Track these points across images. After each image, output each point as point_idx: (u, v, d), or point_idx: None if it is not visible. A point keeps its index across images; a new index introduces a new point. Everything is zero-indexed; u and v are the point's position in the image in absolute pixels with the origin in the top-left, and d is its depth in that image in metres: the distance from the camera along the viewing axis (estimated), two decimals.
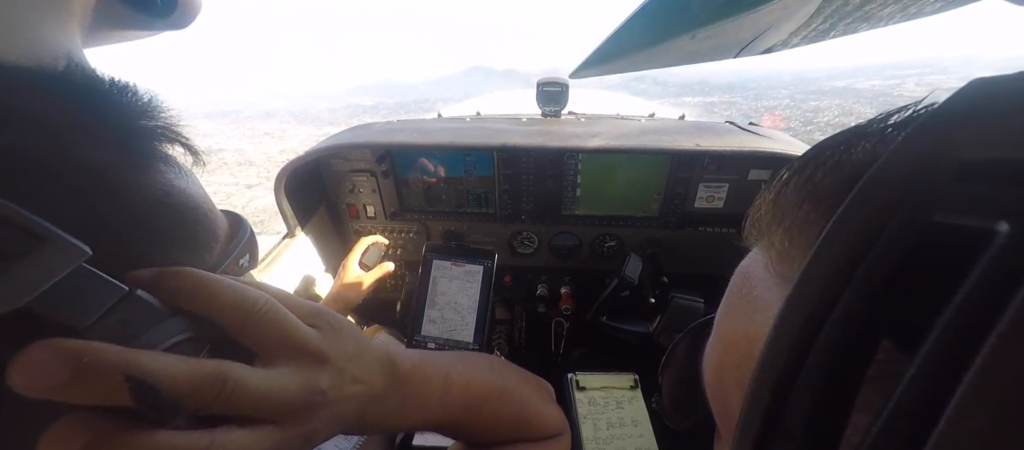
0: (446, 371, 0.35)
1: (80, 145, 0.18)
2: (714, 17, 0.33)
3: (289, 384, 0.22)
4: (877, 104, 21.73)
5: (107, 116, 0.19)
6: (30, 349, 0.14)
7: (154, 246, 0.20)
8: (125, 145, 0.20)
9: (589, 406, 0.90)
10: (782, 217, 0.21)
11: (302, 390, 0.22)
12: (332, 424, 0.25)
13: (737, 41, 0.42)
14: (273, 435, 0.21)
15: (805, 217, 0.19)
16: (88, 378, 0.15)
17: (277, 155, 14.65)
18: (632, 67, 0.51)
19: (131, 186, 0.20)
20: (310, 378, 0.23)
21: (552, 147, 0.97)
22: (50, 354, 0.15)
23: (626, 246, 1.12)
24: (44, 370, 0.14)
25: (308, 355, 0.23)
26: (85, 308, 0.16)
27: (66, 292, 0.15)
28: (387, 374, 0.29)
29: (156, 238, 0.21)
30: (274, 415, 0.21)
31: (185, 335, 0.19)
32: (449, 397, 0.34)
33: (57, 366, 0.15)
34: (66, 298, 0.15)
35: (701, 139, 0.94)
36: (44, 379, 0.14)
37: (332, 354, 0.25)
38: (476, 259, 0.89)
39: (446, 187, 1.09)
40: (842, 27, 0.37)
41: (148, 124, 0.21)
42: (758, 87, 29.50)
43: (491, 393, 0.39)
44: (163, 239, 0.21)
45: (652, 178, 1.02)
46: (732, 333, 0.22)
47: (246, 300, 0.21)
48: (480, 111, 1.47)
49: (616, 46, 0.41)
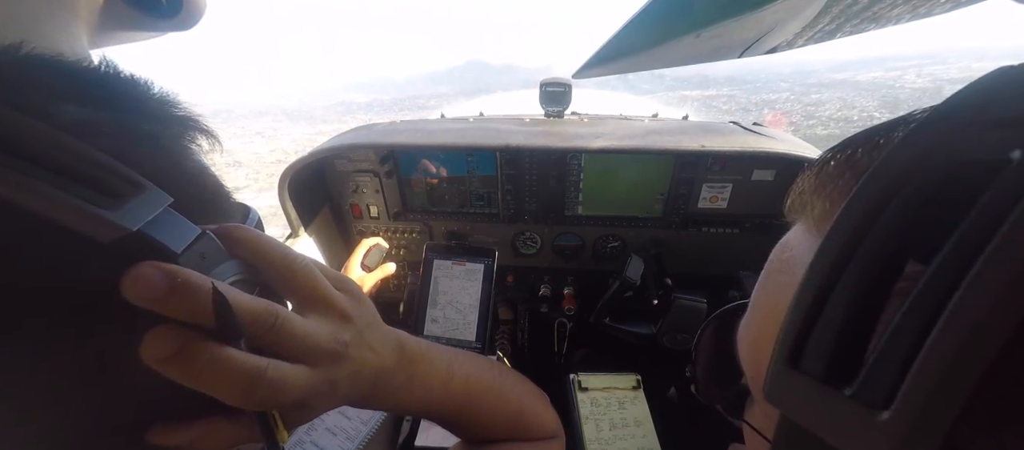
0: (449, 362, 0.37)
1: (136, 119, 0.22)
2: (718, 17, 0.32)
3: (320, 331, 0.25)
4: (878, 96, 21.53)
5: (146, 100, 0.23)
6: (141, 265, 0.18)
7: (203, 206, 0.24)
8: (166, 122, 0.23)
9: (591, 407, 0.90)
10: (824, 187, 0.22)
11: (330, 338, 0.26)
12: (351, 382, 0.27)
13: (741, 41, 0.42)
14: (308, 373, 0.24)
15: (846, 185, 0.20)
16: (181, 293, 0.18)
17: (267, 155, 14.29)
18: (636, 67, 0.51)
19: (181, 154, 0.23)
20: (337, 329, 0.27)
21: (555, 147, 0.97)
22: (154, 270, 0.18)
23: (629, 247, 1.12)
24: (149, 283, 0.18)
25: (335, 310, 0.27)
26: (176, 239, 0.20)
27: (162, 225, 0.19)
28: (397, 350, 0.32)
29: (204, 202, 0.24)
30: (308, 356, 0.24)
31: (242, 275, 0.23)
32: (452, 386, 0.36)
33: (160, 280, 0.18)
34: (163, 230, 0.19)
35: (705, 140, 0.94)
36: (149, 290, 0.18)
37: (354, 315, 0.28)
38: (476, 257, 0.89)
39: (449, 187, 1.09)
40: (849, 27, 0.36)
41: (175, 111, 0.24)
42: (757, 81, 29.41)
43: (491, 389, 0.40)
44: (206, 202, 0.24)
45: (656, 178, 1.02)
46: (772, 301, 0.23)
47: (288, 255, 0.26)
48: (483, 111, 1.48)
49: (619, 46, 0.41)
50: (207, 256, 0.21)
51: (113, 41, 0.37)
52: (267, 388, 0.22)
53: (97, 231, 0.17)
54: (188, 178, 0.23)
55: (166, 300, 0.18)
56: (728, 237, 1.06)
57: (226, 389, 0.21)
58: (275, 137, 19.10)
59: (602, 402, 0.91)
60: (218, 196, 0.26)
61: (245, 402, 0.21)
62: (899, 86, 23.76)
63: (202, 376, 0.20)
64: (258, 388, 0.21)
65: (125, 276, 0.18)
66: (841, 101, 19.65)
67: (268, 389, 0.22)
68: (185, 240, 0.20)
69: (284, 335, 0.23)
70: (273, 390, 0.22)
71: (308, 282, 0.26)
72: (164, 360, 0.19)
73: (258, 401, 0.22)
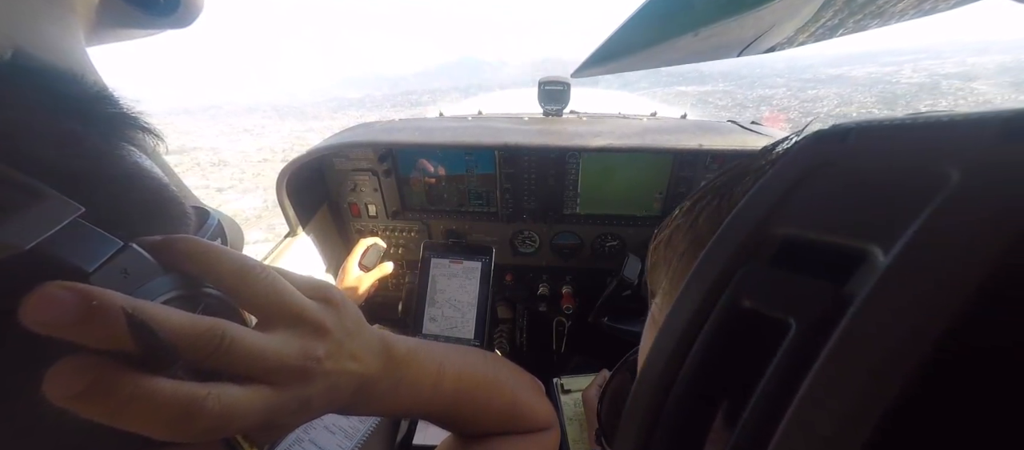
0: (440, 360, 0.36)
1: (51, 117, 0.19)
2: (717, 16, 0.32)
3: (284, 347, 0.22)
4: (875, 91, 21.49)
5: (68, 93, 0.21)
6: (45, 286, 0.15)
7: (134, 214, 0.21)
8: (89, 119, 0.21)
9: (575, 407, 0.91)
10: (668, 262, 0.22)
11: (298, 355, 0.23)
12: (327, 395, 0.25)
13: (739, 40, 0.42)
14: (268, 395, 0.21)
15: (688, 264, 0.20)
16: (95, 318, 0.16)
17: (254, 153, 13.68)
18: (635, 66, 0.51)
19: (106, 155, 0.21)
20: (307, 345, 0.24)
21: (554, 146, 0.97)
22: (61, 291, 0.15)
23: (628, 246, 1.12)
24: (55, 307, 0.15)
25: (306, 323, 0.24)
26: (89, 255, 0.17)
27: (69, 241, 0.17)
28: (383, 356, 0.30)
29: (135, 208, 0.22)
30: (269, 376, 0.22)
31: (180, 291, 0.20)
32: (442, 385, 0.35)
33: (67, 303, 0.15)
34: (70, 246, 0.17)
35: (703, 139, 0.94)
36: (55, 315, 0.15)
37: (331, 326, 0.26)
38: (474, 255, 0.89)
39: (448, 186, 1.09)
40: (852, 24, 0.36)
41: (106, 109, 0.22)
42: (753, 76, 29.37)
43: (483, 383, 0.39)
44: (141, 210, 0.22)
45: (654, 177, 1.02)
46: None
47: (245, 266, 0.23)
48: (482, 110, 1.47)
49: (618, 45, 0.41)
50: (132, 272, 0.19)
51: (110, 38, 0.37)
52: (208, 419, 0.19)
53: None
54: (118, 183, 0.21)
55: (77, 326, 0.15)
56: None
57: (154, 425, 0.17)
58: (263, 134, 18.61)
59: (582, 401, 0.92)
60: (162, 201, 0.23)
61: (183, 436, 0.18)
62: (895, 81, 23.78)
63: (122, 412, 0.17)
64: (196, 419, 0.18)
65: (23, 301, 0.15)
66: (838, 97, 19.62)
67: (211, 419, 0.19)
68: (100, 256, 0.18)
69: (236, 355, 0.20)
70: (219, 420, 0.19)
71: (270, 293, 0.23)
72: (74, 397, 0.16)
73: (200, 433, 0.19)
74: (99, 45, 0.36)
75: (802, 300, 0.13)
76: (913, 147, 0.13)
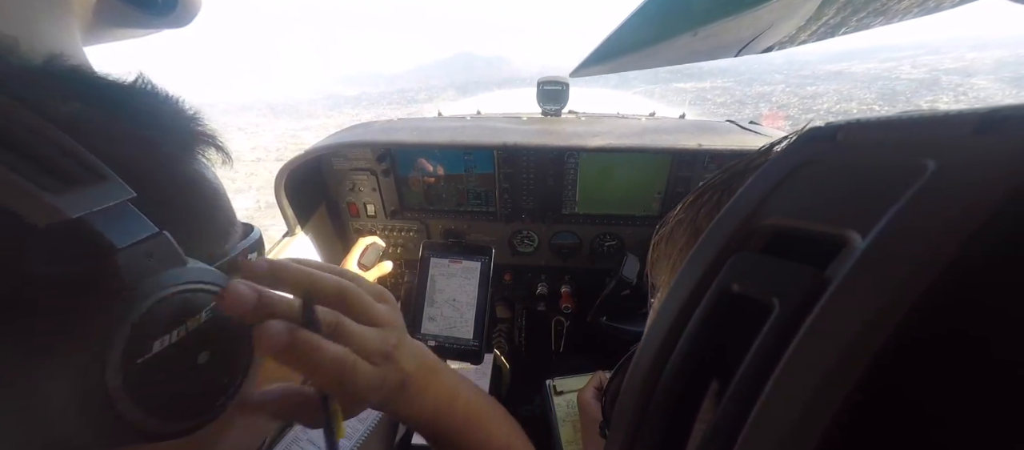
0: (457, 382, 0.40)
1: (135, 123, 0.23)
2: (716, 15, 0.32)
3: (375, 336, 0.30)
4: (875, 89, 21.41)
5: (155, 111, 0.24)
6: (233, 282, 0.23)
7: (187, 211, 0.25)
8: (175, 133, 0.25)
9: (567, 409, 0.91)
10: (669, 256, 0.23)
11: (383, 342, 0.30)
12: (394, 377, 0.31)
13: (738, 39, 0.42)
14: (371, 369, 0.29)
15: (682, 256, 0.22)
16: (267, 304, 0.24)
17: (248, 153, 13.41)
18: (633, 65, 0.51)
19: (173, 161, 0.24)
20: (385, 335, 0.31)
21: (553, 146, 0.97)
22: (245, 287, 0.23)
23: (626, 245, 1.12)
24: (240, 297, 0.23)
25: (381, 320, 0.32)
26: (124, 234, 0.20)
27: (114, 218, 0.19)
28: (419, 358, 0.35)
29: (190, 206, 0.25)
30: (369, 356, 0.29)
31: (197, 285, 0.23)
32: (455, 405, 0.38)
33: (248, 294, 0.23)
34: (112, 223, 0.19)
35: (702, 138, 0.94)
36: (240, 304, 0.23)
37: (397, 323, 0.33)
38: (473, 255, 0.89)
39: (446, 186, 1.09)
40: (855, 22, 0.36)
41: (192, 126, 0.26)
42: (750, 72, 29.23)
43: (485, 418, 0.42)
44: (194, 208, 0.25)
45: (653, 177, 1.02)
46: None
47: (342, 287, 0.30)
48: (480, 110, 1.47)
49: (617, 44, 0.41)
50: (156, 256, 0.21)
51: (108, 38, 0.37)
52: (350, 374, 0.27)
53: (32, 213, 0.17)
54: (178, 186, 0.24)
55: (256, 310, 0.23)
56: None
57: (325, 372, 0.25)
58: (257, 133, 18.31)
59: (577, 403, 0.93)
60: (209, 205, 0.26)
61: (336, 386, 0.26)
62: (895, 77, 23.73)
63: (311, 362, 0.24)
64: (347, 374, 0.26)
65: (221, 294, 0.22)
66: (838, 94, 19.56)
67: (351, 375, 0.27)
68: (134, 236, 0.20)
69: (345, 336, 0.28)
70: (353, 377, 0.27)
71: (360, 305, 0.31)
72: (281, 349, 0.23)
73: (340, 384, 0.26)
74: (96, 44, 0.36)
75: (785, 283, 0.13)
76: (896, 141, 0.14)
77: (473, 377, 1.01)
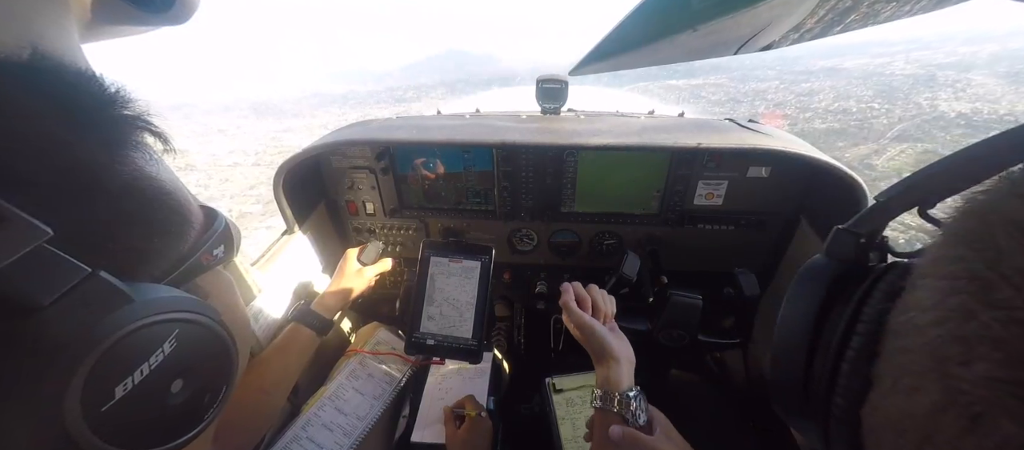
0: None
1: (51, 126, 0.18)
2: (715, 14, 0.33)
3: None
4: (871, 84, 21.31)
5: (76, 101, 0.20)
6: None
7: (124, 227, 0.21)
8: (95, 129, 0.20)
9: (567, 407, 0.92)
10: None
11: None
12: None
13: (736, 37, 0.42)
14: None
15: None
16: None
17: (225, 156, 12.70)
18: (632, 64, 0.51)
19: (103, 167, 0.20)
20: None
21: (552, 144, 0.97)
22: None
23: (625, 243, 1.13)
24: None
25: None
26: (46, 286, 0.16)
27: (26, 271, 0.15)
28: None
29: (126, 220, 0.21)
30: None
31: (151, 320, 0.20)
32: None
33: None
34: (27, 276, 0.15)
35: (701, 137, 0.94)
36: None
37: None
38: (473, 255, 0.89)
39: (445, 184, 1.09)
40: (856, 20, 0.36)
41: (117, 112, 0.21)
42: (743, 68, 29.02)
43: None
44: (133, 221, 0.22)
45: (652, 175, 1.02)
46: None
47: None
48: (479, 108, 1.47)
49: (616, 43, 0.41)
50: (93, 302, 0.17)
51: (106, 35, 0.37)
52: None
53: None
54: (109, 199, 0.20)
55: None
56: (723, 234, 1.07)
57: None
58: (237, 135, 17.66)
59: (577, 401, 0.93)
60: (154, 206, 0.23)
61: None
62: (889, 73, 23.61)
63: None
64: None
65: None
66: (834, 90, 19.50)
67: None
68: (60, 286, 0.16)
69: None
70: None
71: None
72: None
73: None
74: (94, 42, 0.36)
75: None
76: None
77: (473, 376, 1.01)
